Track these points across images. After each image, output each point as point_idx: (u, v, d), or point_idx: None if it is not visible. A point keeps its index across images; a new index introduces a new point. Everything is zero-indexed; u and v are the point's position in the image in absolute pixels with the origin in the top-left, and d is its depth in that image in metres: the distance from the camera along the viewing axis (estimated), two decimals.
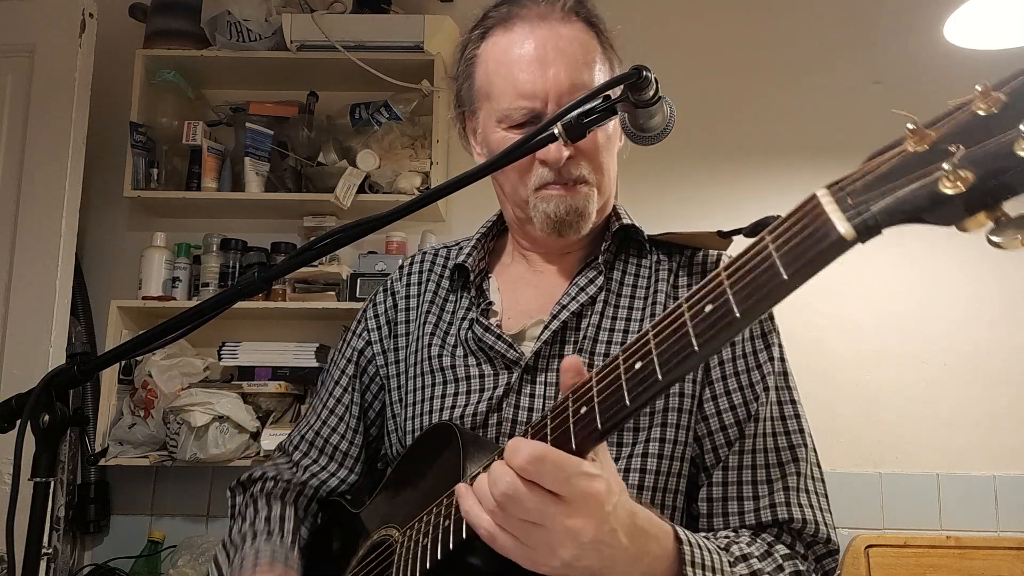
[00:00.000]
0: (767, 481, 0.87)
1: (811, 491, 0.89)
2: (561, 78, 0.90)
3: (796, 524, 0.86)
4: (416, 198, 0.79)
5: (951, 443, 2.28)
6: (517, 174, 0.95)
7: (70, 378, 0.81)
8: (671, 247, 1.01)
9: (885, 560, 2.16)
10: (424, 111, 2.40)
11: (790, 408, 0.92)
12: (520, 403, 0.92)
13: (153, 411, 2.16)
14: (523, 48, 0.92)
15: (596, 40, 0.96)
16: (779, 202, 2.44)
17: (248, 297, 0.86)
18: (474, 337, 0.97)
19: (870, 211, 0.47)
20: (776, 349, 0.95)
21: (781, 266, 0.51)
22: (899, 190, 0.47)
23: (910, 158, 0.47)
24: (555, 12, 0.94)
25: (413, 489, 0.88)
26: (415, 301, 1.07)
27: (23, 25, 2.19)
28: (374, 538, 0.91)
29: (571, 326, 0.95)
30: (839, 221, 0.48)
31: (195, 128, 2.32)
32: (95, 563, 2.26)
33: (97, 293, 2.38)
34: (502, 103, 0.93)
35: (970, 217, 0.45)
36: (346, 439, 1.07)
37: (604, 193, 0.97)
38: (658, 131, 0.83)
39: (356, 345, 1.09)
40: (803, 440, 0.91)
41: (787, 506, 0.86)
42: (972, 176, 0.44)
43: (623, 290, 0.98)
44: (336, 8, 2.36)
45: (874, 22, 2.49)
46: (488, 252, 1.08)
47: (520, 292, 1.02)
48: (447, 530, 0.73)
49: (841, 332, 2.31)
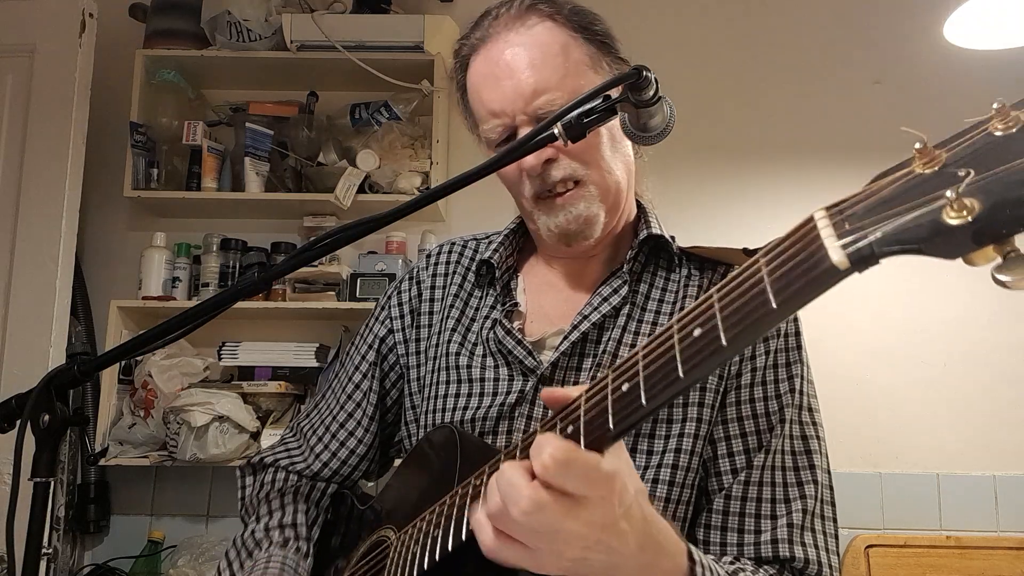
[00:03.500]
0: (771, 516, 0.85)
1: (817, 530, 0.86)
2: (521, 87, 0.89)
3: (798, 564, 0.83)
4: (416, 198, 0.79)
5: (951, 443, 2.28)
6: (513, 187, 0.95)
7: (70, 378, 0.82)
8: (703, 261, 0.97)
9: (885, 560, 2.16)
10: (424, 111, 2.41)
11: (804, 444, 0.89)
12: (532, 413, 0.91)
13: (153, 411, 2.16)
14: (485, 68, 0.93)
15: (562, 29, 0.92)
16: (779, 202, 2.44)
17: (248, 297, 0.86)
18: (495, 338, 0.95)
19: (867, 239, 0.43)
20: (798, 381, 0.91)
21: (771, 293, 0.47)
22: (899, 217, 0.42)
23: (916, 181, 0.43)
24: (513, 19, 0.93)
25: (412, 491, 0.88)
26: (440, 292, 1.05)
27: (23, 25, 2.19)
28: (374, 537, 0.92)
29: (591, 338, 0.92)
30: (832, 248, 0.44)
31: (195, 128, 2.32)
32: (95, 563, 2.27)
33: (97, 293, 2.38)
34: (483, 127, 0.94)
35: (978, 250, 0.40)
36: (362, 426, 1.05)
37: (608, 191, 0.93)
38: (658, 131, 0.81)
39: (378, 332, 1.07)
40: (814, 476, 0.88)
41: (789, 543, 0.83)
42: (979, 206, 0.39)
43: (648, 304, 0.95)
44: (336, 8, 2.36)
45: (874, 22, 2.49)
46: (517, 249, 1.05)
47: (545, 296, 1.00)
48: (435, 539, 0.73)
49: (841, 332, 2.31)
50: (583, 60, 0.92)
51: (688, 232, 1.02)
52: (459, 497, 0.73)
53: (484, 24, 0.95)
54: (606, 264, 0.99)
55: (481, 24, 0.95)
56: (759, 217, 2.36)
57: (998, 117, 0.42)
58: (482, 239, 1.09)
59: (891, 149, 2.35)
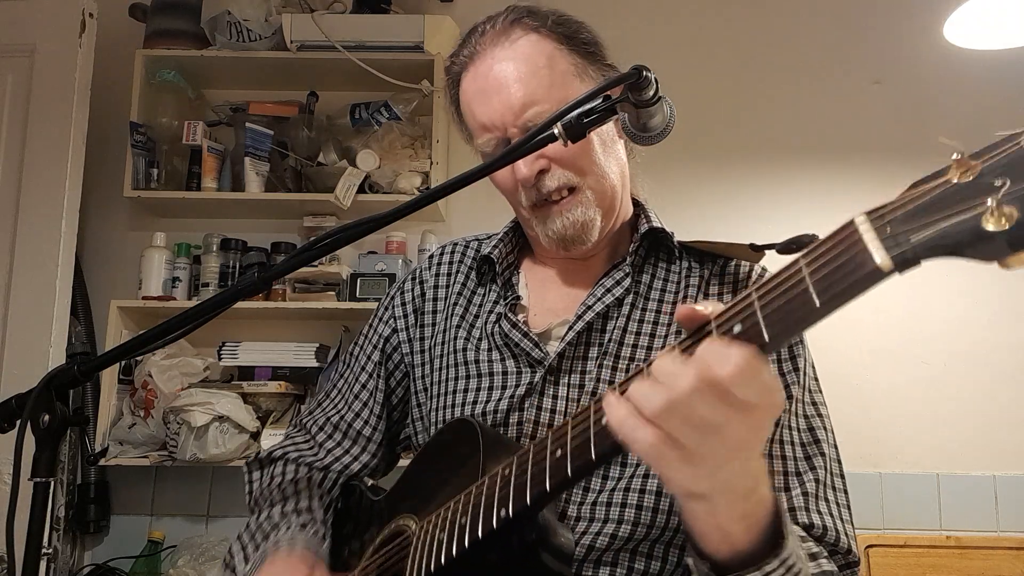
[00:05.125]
0: (784, 488, 0.86)
1: (831, 500, 0.87)
2: (510, 101, 0.91)
3: (816, 531, 0.84)
4: (416, 198, 0.79)
5: (951, 443, 2.28)
6: (510, 196, 0.97)
7: (70, 378, 0.82)
8: (702, 255, 0.99)
9: (885, 560, 2.16)
10: (424, 111, 2.40)
11: (814, 420, 0.91)
12: (543, 404, 0.92)
13: (153, 411, 2.16)
14: (474, 85, 0.95)
15: (547, 40, 0.94)
16: (779, 203, 2.44)
17: (248, 297, 0.86)
18: (500, 332, 0.97)
19: (909, 243, 0.47)
20: (802, 360, 0.93)
21: (814, 293, 0.50)
22: (941, 223, 0.46)
23: (953, 190, 0.46)
24: (498, 34, 0.95)
25: (432, 482, 0.89)
26: (443, 291, 1.07)
27: (23, 25, 2.19)
28: (392, 527, 0.92)
29: (596, 328, 0.94)
30: (876, 251, 0.48)
31: (195, 128, 2.32)
32: (95, 563, 2.27)
33: (97, 293, 2.38)
34: (477, 141, 0.97)
35: (1013, 255, 0.44)
36: (370, 424, 1.07)
37: (604, 195, 0.95)
38: (658, 131, 0.82)
39: (382, 332, 1.09)
40: (824, 449, 0.89)
41: (806, 511, 0.85)
42: (1018, 213, 0.43)
43: (652, 294, 0.97)
44: (336, 8, 2.36)
45: (874, 22, 2.49)
46: (518, 246, 1.07)
47: (548, 289, 1.02)
48: (463, 527, 0.74)
49: (841, 332, 2.30)
50: (569, 70, 0.94)
51: (688, 232, 1.03)
52: (487, 487, 0.74)
53: (472, 41, 0.97)
54: (607, 260, 1.01)
55: (469, 41, 0.98)
56: (758, 217, 2.36)
57: None
58: (483, 239, 1.11)
59: (891, 149, 2.36)
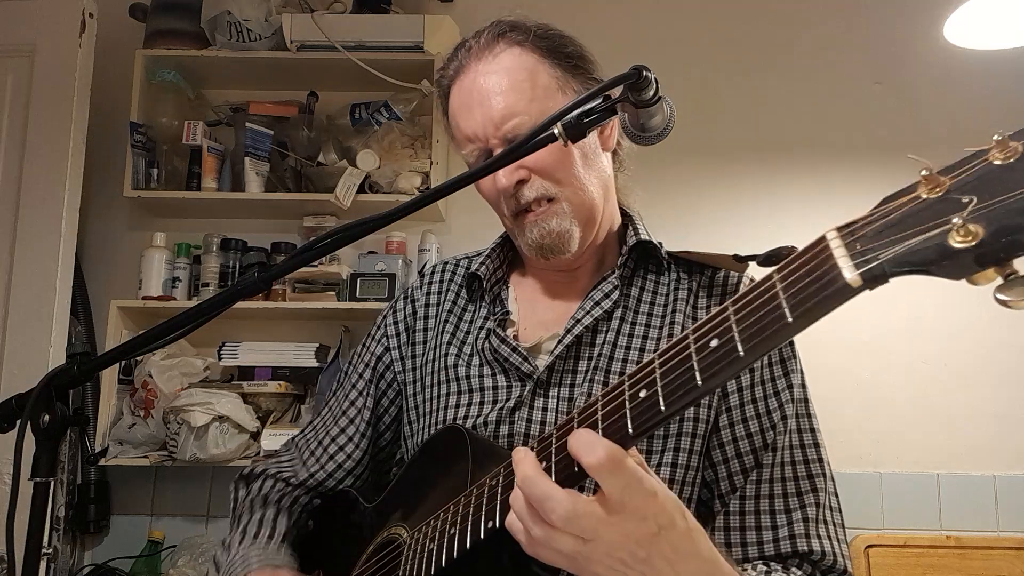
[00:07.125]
0: (785, 511, 0.88)
1: (829, 522, 0.89)
2: (491, 113, 0.93)
3: (815, 556, 0.86)
4: (416, 198, 0.79)
5: (951, 443, 2.28)
6: (495, 206, 0.99)
7: (70, 378, 0.82)
8: (691, 265, 1.01)
9: (885, 560, 2.16)
10: (424, 111, 2.40)
11: (809, 437, 0.92)
12: (531, 416, 0.93)
13: (153, 411, 2.16)
14: (459, 98, 0.98)
15: (530, 54, 0.96)
16: (778, 203, 2.44)
17: (248, 297, 0.86)
18: (490, 347, 0.98)
19: (878, 260, 0.47)
20: (796, 376, 0.94)
21: (787, 308, 0.51)
22: (909, 240, 0.46)
23: (922, 206, 0.47)
24: (482, 48, 0.96)
25: (423, 490, 0.89)
26: (434, 310, 1.08)
27: (23, 25, 2.19)
28: (384, 535, 0.93)
29: (586, 341, 0.95)
30: (846, 267, 0.48)
31: (195, 128, 2.32)
32: (95, 563, 2.26)
33: (97, 293, 2.37)
34: (462, 152, 0.99)
35: (980, 272, 0.44)
36: (352, 441, 1.08)
37: (582, 207, 0.95)
38: (658, 131, 0.82)
39: (375, 351, 1.11)
40: (822, 470, 0.91)
41: (807, 538, 0.86)
42: (982, 231, 0.43)
43: (640, 307, 0.98)
44: (336, 8, 2.36)
45: (874, 22, 2.49)
46: (507, 261, 1.08)
47: (537, 303, 1.03)
48: (452, 537, 0.75)
49: (841, 332, 2.30)
50: (551, 84, 0.95)
51: (686, 232, 1.03)
52: (475, 497, 0.74)
53: (459, 56, 0.99)
54: (594, 272, 1.02)
55: (456, 56, 1.00)
56: (757, 218, 2.36)
57: (997, 148, 0.45)
58: (473, 256, 1.12)
59: (891, 150, 2.37)
